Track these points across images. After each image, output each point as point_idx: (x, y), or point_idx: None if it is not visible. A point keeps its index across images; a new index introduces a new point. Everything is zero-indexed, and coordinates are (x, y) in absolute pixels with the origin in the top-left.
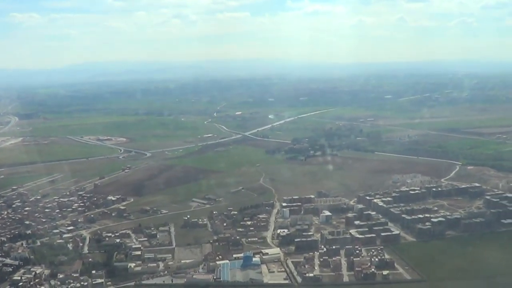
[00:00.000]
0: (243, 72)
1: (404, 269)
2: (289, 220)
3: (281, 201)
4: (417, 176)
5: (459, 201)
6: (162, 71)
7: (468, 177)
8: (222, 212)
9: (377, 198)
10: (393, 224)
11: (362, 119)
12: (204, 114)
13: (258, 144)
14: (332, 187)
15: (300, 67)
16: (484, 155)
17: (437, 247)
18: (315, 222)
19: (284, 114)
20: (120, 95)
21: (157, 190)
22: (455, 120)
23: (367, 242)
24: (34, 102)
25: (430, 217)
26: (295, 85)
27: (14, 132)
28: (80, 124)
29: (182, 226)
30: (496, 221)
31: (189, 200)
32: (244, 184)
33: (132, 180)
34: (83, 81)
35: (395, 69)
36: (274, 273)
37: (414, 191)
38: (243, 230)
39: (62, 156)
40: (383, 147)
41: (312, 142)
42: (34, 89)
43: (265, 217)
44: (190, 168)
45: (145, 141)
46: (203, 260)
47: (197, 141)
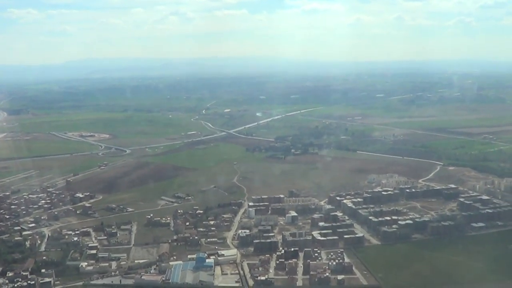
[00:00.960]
0: (238, 70)
1: (362, 274)
2: (254, 220)
3: (250, 200)
4: (394, 176)
5: (433, 203)
6: (159, 68)
7: (447, 178)
8: (187, 211)
9: (347, 199)
10: (360, 226)
11: (349, 118)
12: (193, 112)
13: (240, 142)
14: (306, 186)
15: (297, 65)
16: (468, 156)
17: (401, 251)
18: (280, 223)
19: (272, 112)
20: (113, 92)
21: (129, 188)
22: (444, 120)
23: (328, 244)
24: (26, 98)
25: (398, 220)
26: (288, 83)
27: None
28: (67, 120)
29: (144, 225)
30: (466, 224)
31: (158, 198)
32: (217, 183)
33: (105, 177)
34: (79, 78)
35: (392, 68)
36: (227, 275)
37: (387, 192)
38: (205, 230)
39: (41, 152)
40: (366, 146)
41: (295, 141)
42: (29, 85)
43: (229, 216)
44: (166, 166)
45: (128, 138)
46: (157, 260)
47: (180, 138)
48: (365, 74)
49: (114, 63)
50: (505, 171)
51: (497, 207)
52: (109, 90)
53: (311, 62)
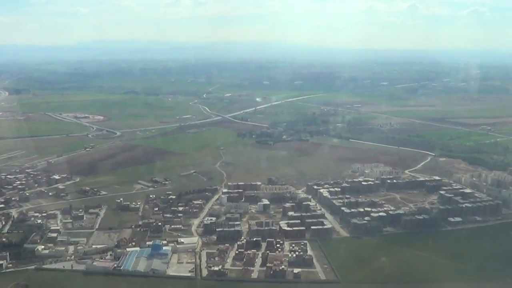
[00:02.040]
0: (248, 55)
1: (322, 268)
2: (224, 207)
3: (226, 187)
4: (379, 166)
5: (414, 195)
6: (169, 51)
7: (435, 169)
8: (160, 196)
9: (325, 188)
10: (333, 217)
11: (349, 105)
12: (194, 95)
13: (233, 126)
14: (288, 174)
15: (307, 51)
16: (462, 147)
17: (368, 245)
18: (251, 211)
19: (272, 98)
20: (118, 74)
21: (109, 170)
22: (444, 110)
23: (295, 235)
24: (31, 78)
25: (371, 212)
26: (295, 69)
27: None
28: (66, 101)
29: (113, 209)
30: (443, 219)
31: (135, 182)
32: (198, 168)
33: (88, 159)
34: (89, 59)
35: (402, 56)
36: (183, 264)
37: (367, 183)
38: (172, 216)
39: (31, 133)
40: (360, 134)
41: (289, 127)
42: (38, 65)
43: (200, 203)
44: (151, 149)
45: (121, 120)
46: (115, 246)
47: (173, 122)
48: (374, 62)
49: (126, 45)
50: (497, 163)
51: (478, 202)
52: (115, 72)
53: (322, 49)
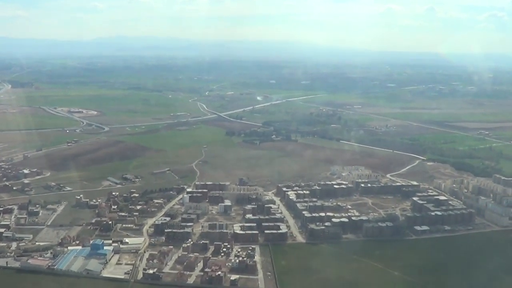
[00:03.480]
0: (264, 53)
1: (264, 275)
2: (183, 207)
3: (194, 186)
4: (359, 169)
5: (387, 200)
6: (185, 49)
7: (418, 174)
8: (123, 193)
9: (293, 191)
10: (295, 221)
11: (349, 106)
12: (196, 92)
13: (225, 125)
14: (263, 174)
15: (324, 52)
16: (454, 151)
17: (322, 253)
18: (211, 212)
19: (273, 97)
20: (127, 69)
21: (83, 166)
22: (446, 113)
23: (246, 239)
24: (41, 72)
25: (333, 217)
26: (305, 69)
27: None
28: (66, 96)
29: (72, 206)
30: (409, 227)
31: (105, 178)
32: (174, 166)
33: (66, 154)
34: (104, 55)
35: (418, 59)
36: (121, 265)
37: (340, 186)
38: (126, 214)
39: (19, 126)
40: (352, 136)
41: (282, 126)
42: (52, 59)
43: (160, 202)
44: (134, 146)
45: (115, 116)
46: (58, 244)
47: (166, 119)
48: (388, 64)
49: (142, 42)
50: (485, 169)
51: (449, 210)
52: (124, 68)
53: (339, 50)
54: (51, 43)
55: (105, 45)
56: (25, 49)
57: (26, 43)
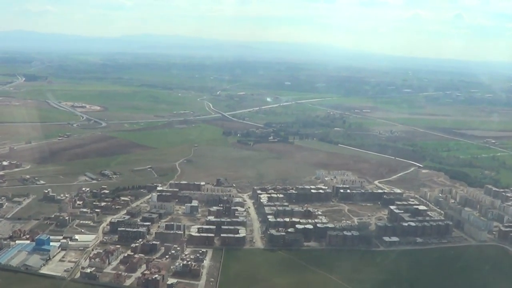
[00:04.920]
0: (288, 55)
1: (207, 281)
2: (148, 206)
3: (170, 185)
4: (345, 174)
5: (365, 208)
6: (210, 48)
7: (408, 182)
8: (93, 189)
9: (268, 194)
10: (261, 225)
11: (358, 110)
12: (207, 91)
13: (225, 125)
14: (245, 175)
15: (349, 55)
16: (454, 159)
17: (276, 260)
18: (177, 212)
19: (283, 98)
20: (146, 67)
21: (66, 160)
22: (457, 120)
23: (202, 242)
24: (59, 67)
25: (298, 222)
26: (324, 72)
27: None
28: (75, 90)
29: (39, 200)
30: (378, 237)
31: (82, 173)
32: (158, 163)
33: (53, 148)
34: (129, 52)
35: (442, 65)
36: (64, 262)
37: (317, 191)
38: (88, 211)
39: (18, 119)
40: (352, 140)
41: (283, 128)
42: (76, 54)
43: (126, 200)
44: (125, 142)
45: (117, 112)
46: (8, 237)
47: (168, 116)
48: (410, 69)
49: (168, 40)
50: (482, 179)
51: (425, 221)
52: (143, 65)
53: (364, 54)
54: (78, 38)
55: (131, 42)
56: (52, 44)
57: (53, 38)
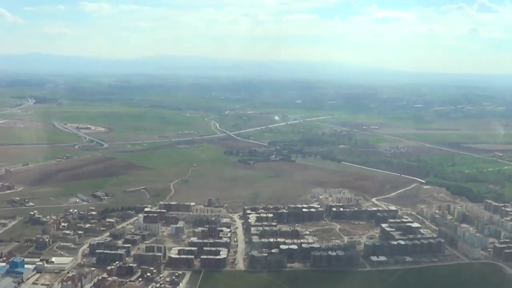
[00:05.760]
0: (303, 74)
1: None
2: (133, 228)
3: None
4: (342, 191)
5: (358, 226)
6: (225, 69)
7: (407, 198)
8: (81, 211)
9: (257, 213)
10: (246, 246)
11: (365, 127)
12: (216, 111)
13: (228, 144)
14: (239, 195)
15: (363, 72)
16: (459, 174)
17: (257, 283)
18: (163, 233)
19: (291, 116)
20: (158, 88)
21: (59, 182)
22: (465, 134)
23: (182, 263)
24: (72, 89)
25: (283, 243)
26: (336, 89)
27: (7, 114)
28: (82, 112)
29: (25, 222)
30: (365, 257)
31: (74, 195)
32: (152, 184)
33: (49, 170)
34: (144, 73)
35: (457, 79)
36: (37, 285)
37: (309, 210)
38: (71, 233)
39: (21, 141)
40: (356, 157)
41: (286, 146)
42: (91, 76)
43: (112, 221)
44: (123, 163)
45: (122, 133)
46: None
47: (172, 137)
48: (424, 85)
49: (184, 61)
50: (485, 194)
51: (416, 239)
52: (157, 86)
53: (378, 70)
54: (94, 61)
55: (147, 63)
56: (68, 66)
57: (69, 60)
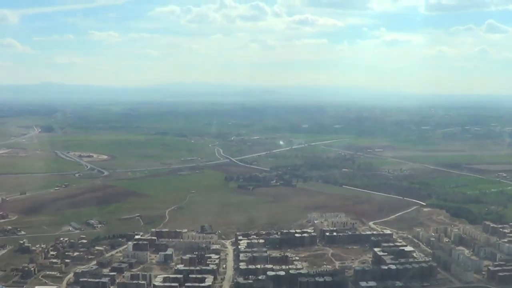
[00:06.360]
0: (312, 98)
1: None
2: (121, 255)
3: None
4: (338, 215)
5: (351, 251)
6: (235, 95)
7: (405, 221)
8: (72, 239)
9: (249, 239)
10: (234, 273)
11: (370, 150)
12: (222, 137)
13: (230, 170)
14: (234, 221)
15: (373, 95)
16: (461, 196)
17: None
18: (152, 260)
19: (296, 141)
20: (165, 115)
21: (55, 210)
22: (470, 155)
23: None
24: (79, 118)
25: (270, 269)
26: (344, 113)
27: (11, 144)
28: (87, 140)
29: (14, 251)
30: (355, 282)
31: (67, 224)
32: (147, 211)
33: (47, 198)
34: (154, 100)
35: (468, 101)
36: None
37: (301, 235)
38: (58, 261)
39: (21, 170)
40: (358, 180)
41: (288, 171)
42: (100, 105)
43: (101, 249)
44: (121, 191)
45: (124, 160)
46: None
47: (175, 163)
48: (433, 107)
49: (195, 88)
50: (487, 215)
51: (407, 263)
52: (166, 113)
53: (387, 93)
54: (105, 89)
55: (157, 91)
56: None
57: (80, 89)
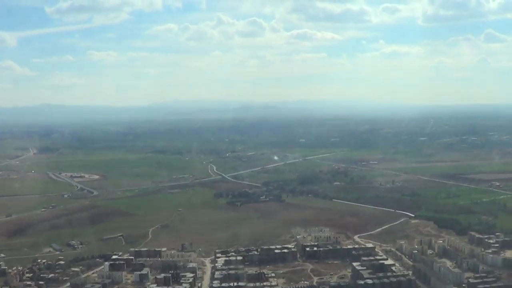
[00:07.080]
0: (311, 113)
1: None
2: (96, 276)
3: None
4: (322, 230)
5: (331, 266)
6: (236, 111)
7: (391, 234)
8: (48, 261)
9: (227, 257)
10: None
11: (364, 162)
12: (217, 154)
13: (220, 186)
14: (217, 239)
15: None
16: (452, 206)
17: None
18: (127, 280)
19: (290, 156)
20: (162, 133)
21: (39, 232)
22: (465, 165)
23: None
24: (76, 138)
25: (243, 287)
26: (341, 126)
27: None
28: (80, 161)
29: None
30: None
31: (48, 245)
32: (131, 230)
33: (32, 220)
34: (154, 119)
35: (468, 111)
36: None
37: (281, 250)
38: (32, 283)
39: (10, 192)
40: (349, 194)
41: (279, 186)
42: (98, 125)
43: (77, 270)
44: (109, 210)
45: (116, 180)
46: None
47: (165, 182)
48: (433, 118)
49: (194, 105)
50: (476, 226)
51: (385, 277)
52: (164, 132)
53: (387, 105)
54: (105, 109)
55: (157, 110)
56: (78, 115)
57: (80, 110)
